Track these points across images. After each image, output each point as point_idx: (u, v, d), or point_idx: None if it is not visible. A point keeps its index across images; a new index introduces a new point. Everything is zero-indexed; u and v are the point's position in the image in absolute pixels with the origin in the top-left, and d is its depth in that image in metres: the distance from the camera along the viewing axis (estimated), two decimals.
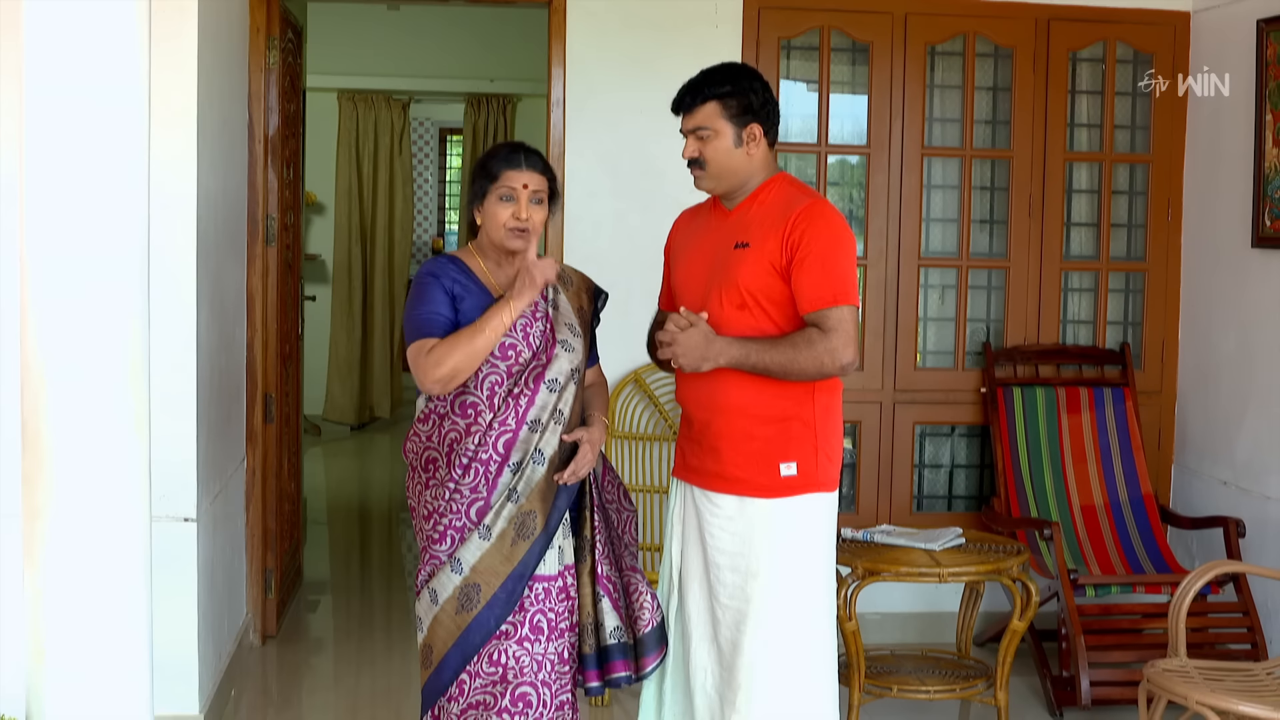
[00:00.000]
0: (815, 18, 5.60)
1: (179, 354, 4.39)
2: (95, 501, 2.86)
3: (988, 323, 5.84)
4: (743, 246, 3.48)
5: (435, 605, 3.42)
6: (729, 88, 3.51)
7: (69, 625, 2.85)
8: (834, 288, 3.41)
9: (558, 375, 3.46)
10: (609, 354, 5.24)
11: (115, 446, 2.87)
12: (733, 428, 3.50)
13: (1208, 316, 5.66)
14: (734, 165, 3.53)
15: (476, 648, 3.39)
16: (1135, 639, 5.16)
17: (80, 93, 2.81)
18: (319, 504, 8.28)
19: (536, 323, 3.48)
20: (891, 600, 5.56)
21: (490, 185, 3.46)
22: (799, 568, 3.50)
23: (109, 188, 2.84)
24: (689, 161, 3.55)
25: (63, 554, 2.84)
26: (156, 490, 4.13)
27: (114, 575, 2.89)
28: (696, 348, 3.42)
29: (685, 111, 3.55)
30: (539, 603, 3.44)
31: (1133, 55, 5.79)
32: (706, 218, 3.67)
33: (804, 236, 3.41)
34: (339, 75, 10.10)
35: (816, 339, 3.39)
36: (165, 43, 4.14)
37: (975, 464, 5.90)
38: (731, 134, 3.51)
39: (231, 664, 5.02)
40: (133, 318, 2.90)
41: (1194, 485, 5.71)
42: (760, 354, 3.40)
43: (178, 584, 4.38)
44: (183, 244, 4.39)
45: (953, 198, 5.80)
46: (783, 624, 3.48)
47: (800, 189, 3.57)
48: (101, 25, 2.84)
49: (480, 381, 3.41)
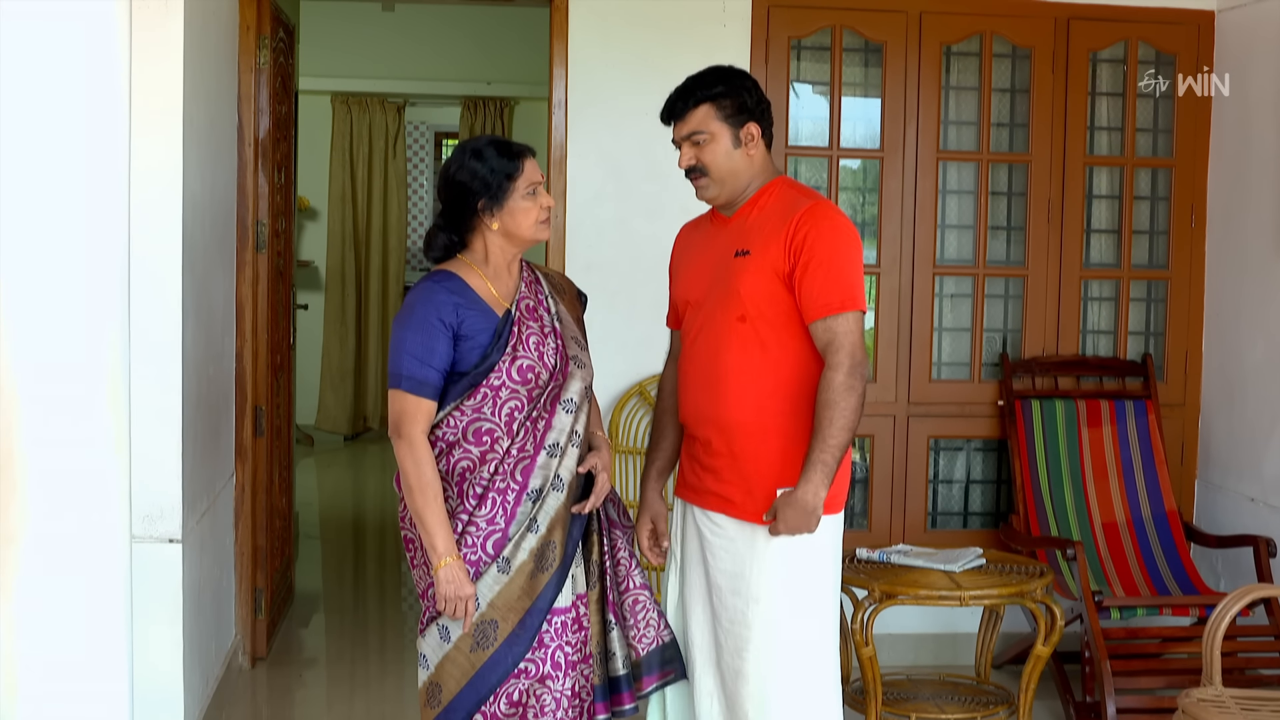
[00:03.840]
0: (827, 16, 5.47)
1: (163, 367, 4.25)
2: (72, 526, 2.77)
3: (1005, 333, 5.71)
4: (743, 254, 3.35)
5: (447, 643, 3.26)
6: (721, 88, 3.36)
7: (43, 656, 2.77)
8: (841, 293, 3.27)
9: (573, 395, 3.30)
10: (612, 365, 5.18)
11: (93, 467, 2.79)
12: (734, 446, 3.37)
13: (1233, 326, 5.51)
14: (735, 168, 3.38)
15: (493, 687, 3.24)
16: (1163, 664, 5.00)
17: (53, 89, 2.70)
18: (311, 517, 8.15)
19: (548, 339, 3.30)
20: (905, 621, 5.38)
21: (510, 184, 3.26)
22: (803, 593, 3.37)
23: (85, 191, 2.75)
24: (687, 171, 3.40)
25: (37, 582, 2.75)
26: (139, 511, 4.15)
27: (91, 603, 2.81)
28: (798, 515, 3.25)
29: (677, 118, 3.40)
30: (558, 637, 3.29)
31: (1155, 56, 5.66)
32: (706, 228, 3.54)
33: (807, 240, 3.27)
34: (332, 77, 10.04)
35: (835, 380, 3.25)
36: (147, 33, 4.01)
37: (992, 479, 5.76)
38: (729, 136, 3.36)
39: (219, 689, 4.88)
40: (111, 330, 2.80)
41: (1219, 502, 5.55)
42: (826, 448, 3.25)
43: (162, 608, 4.26)
44: (167, 251, 4.25)
45: (969, 203, 5.66)
46: (787, 652, 3.35)
47: (802, 191, 3.43)
48: (77, 15, 2.71)
49: (499, 408, 3.24)
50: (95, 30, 2.73)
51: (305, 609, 6.29)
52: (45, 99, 2.69)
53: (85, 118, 2.73)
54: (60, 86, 2.69)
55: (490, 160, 3.27)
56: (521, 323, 3.27)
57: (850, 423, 3.25)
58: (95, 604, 2.80)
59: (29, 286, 2.71)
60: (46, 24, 2.68)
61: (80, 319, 2.74)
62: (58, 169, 2.71)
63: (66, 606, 2.77)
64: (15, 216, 2.68)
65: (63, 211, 2.72)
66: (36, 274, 2.71)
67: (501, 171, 3.26)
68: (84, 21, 2.72)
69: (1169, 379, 5.68)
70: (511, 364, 3.23)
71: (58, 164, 2.71)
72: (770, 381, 3.33)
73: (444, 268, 3.31)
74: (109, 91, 2.75)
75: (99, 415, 2.77)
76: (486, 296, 3.27)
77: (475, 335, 3.22)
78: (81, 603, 2.78)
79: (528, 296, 3.34)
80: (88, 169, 2.74)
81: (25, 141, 2.69)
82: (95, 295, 2.75)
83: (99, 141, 2.75)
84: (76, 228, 2.73)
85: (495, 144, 3.31)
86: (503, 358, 3.22)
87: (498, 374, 3.22)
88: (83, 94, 2.72)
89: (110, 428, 2.79)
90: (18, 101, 2.67)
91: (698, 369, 3.42)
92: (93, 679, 2.81)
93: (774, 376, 3.33)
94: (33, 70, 2.68)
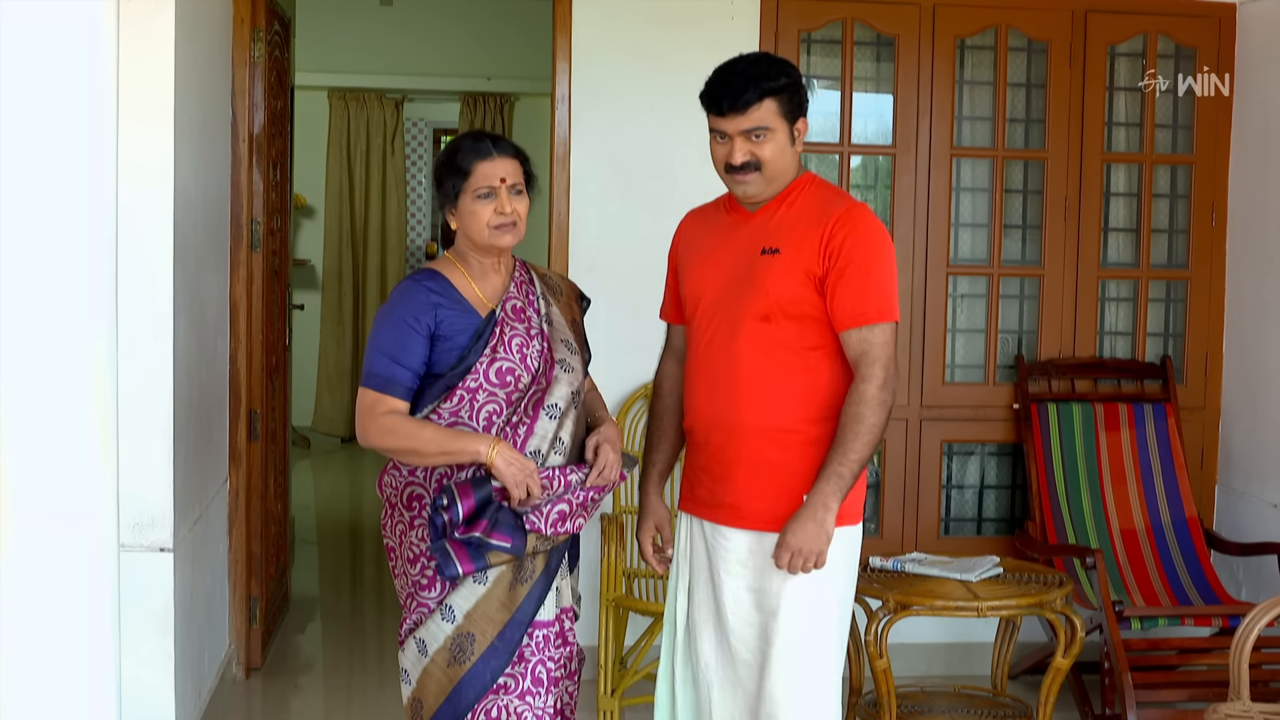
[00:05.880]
0: (837, 9, 5.37)
1: (153, 371, 4.15)
2: (57, 536, 2.73)
3: (1020, 334, 5.61)
4: (772, 252, 3.19)
5: (425, 657, 3.15)
6: (784, 80, 3.18)
7: (27, 672, 2.73)
8: (877, 303, 3.14)
9: (557, 400, 3.17)
10: (618, 369, 5.07)
11: (79, 476, 2.74)
12: (752, 453, 3.21)
13: (1255, 327, 5.40)
14: (787, 166, 3.22)
15: (470, 704, 3.13)
16: (1185, 676, 4.90)
17: (36, 79, 2.65)
18: (308, 521, 8.05)
19: (533, 342, 3.18)
20: (918, 630, 5.27)
21: (463, 183, 3.14)
22: (824, 609, 3.22)
23: (71, 187, 2.71)
24: (739, 166, 3.18)
25: (21, 593, 2.71)
26: (129, 520, 4.05)
27: (77, 616, 2.76)
28: (810, 535, 3.10)
29: (739, 110, 3.16)
30: (539, 651, 3.19)
31: (1174, 50, 5.57)
32: (721, 220, 3.35)
33: (844, 245, 3.13)
34: (329, 73, 9.96)
35: (867, 393, 3.12)
36: (137, 25, 3.89)
37: (1007, 485, 5.65)
38: (785, 132, 3.19)
39: (212, 701, 4.78)
40: (99, 333, 2.75)
41: (1240, 508, 5.44)
42: (846, 457, 3.11)
43: (152, 619, 4.17)
44: (158, 250, 4.15)
45: (983, 201, 5.56)
46: (806, 668, 3.21)
47: (834, 191, 3.29)
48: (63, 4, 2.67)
49: (476, 411, 3.12)
50: (81, 20, 2.67)
51: (301, 616, 6.18)
52: (27, 89, 2.63)
53: (70, 110, 2.67)
54: (44, 77, 2.63)
55: (454, 155, 3.17)
56: (505, 324, 3.16)
57: (874, 439, 3.12)
58: (81, 617, 2.74)
59: (11, 285, 2.64)
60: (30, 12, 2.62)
61: (65, 319, 2.68)
62: (41, 163, 2.64)
63: (51, 619, 2.72)
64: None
65: (46, 207, 2.66)
66: (19, 272, 2.66)
67: (456, 169, 3.15)
68: (70, 10, 2.66)
69: (1189, 382, 5.59)
70: (490, 366, 3.12)
71: (41, 158, 2.64)
72: (792, 387, 3.18)
73: (430, 266, 3.23)
74: (96, 83, 2.69)
75: (85, 420, 2.70)
76: (470, 296, 3.17)
77: (454, 336, 3.12)
78: (67, 615, 2.73)
79: (515, 297, 3.22)
80: (73, 163, 2.67)
81: (8, 135, 2.62)
82: (81, 294, 2.69)
83: (85, 135, 2.68)
84: (61, 224, 2.67)
85: (473, 137, 3.20)
86: (479, 359, 3.11)
87: (474, 376, 3.11)
88: (68, 85, 2.66)
89: (96, 433, 2.72)
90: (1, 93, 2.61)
91: (713, 371, 3.25)
92: (80, 695, 2.75)
93: (796, 382, 3.18)
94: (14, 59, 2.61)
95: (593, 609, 4.89)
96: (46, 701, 2.72)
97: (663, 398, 3.46)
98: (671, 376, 3.45)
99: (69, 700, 2.75)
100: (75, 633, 2.75)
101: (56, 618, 2.73)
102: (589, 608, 4.86)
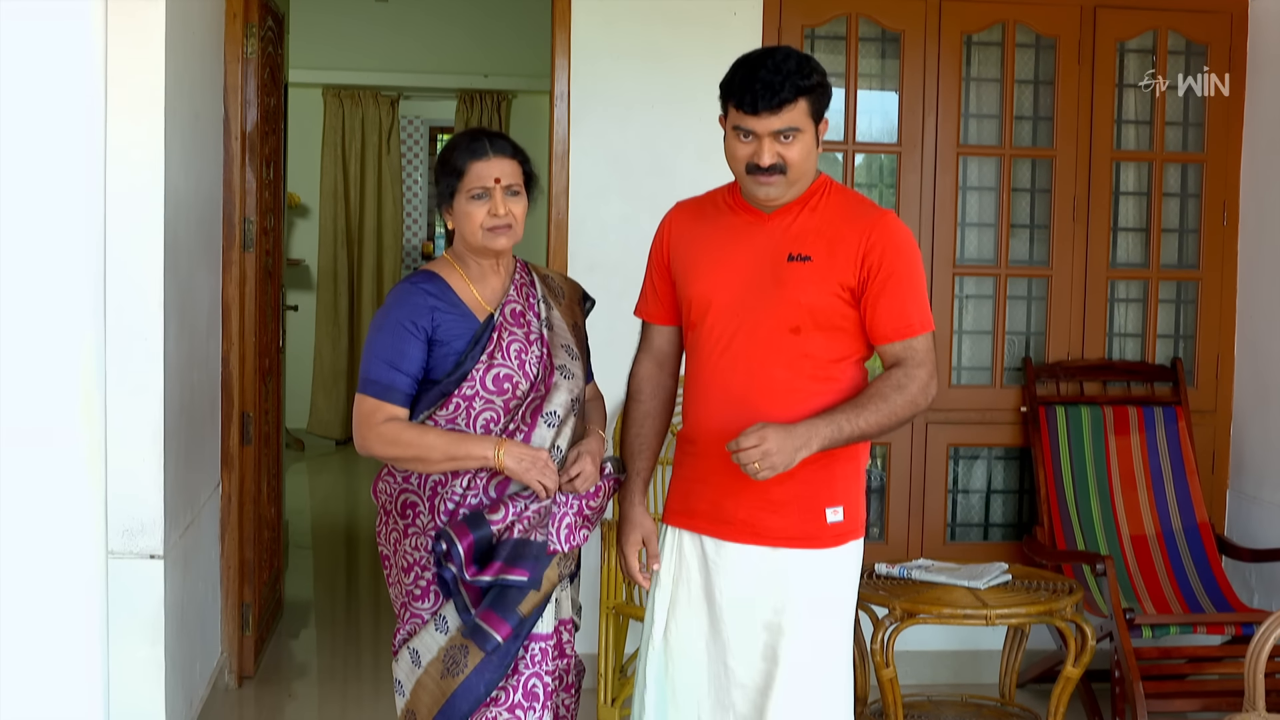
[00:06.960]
0: (841, 4, 5.32)
1: (143, 372, 4.10)
2: (43, 544, 2.69)
3: (1028, 336, 5.56)
4: (801, 260, 3.04)
5: (418, 668, 3.10)
6: (816, 78, 3.03)
7: (14, 681, 2.69)
8: (920, 314, 3.07)
9: (556, 408, 3.09)
10: (615, 371, 4.92)
11: (65, 482, 2.70)
12: None
13: (1267, 329, 5.34)
14: (810, 168, 3.09)
15: (464, 716, 3.07)
16: (1198, 685, 4.82)
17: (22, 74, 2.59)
18: (302, 525, 7.97)
19: (532, 347, 3.09)
20: (924, 637, 5.17)
21: (457, 183, 3.07)
22: (833, 623, 3.13)
23: (57, 185, 2.64)
24: (764, 168, 3.02)
25: (6, 602, 2.66)
26: (118, 526, 4.00)
27: (65, 624, 2.72)
28: (783, 447, 2.90)
29: (773, 109, 2.99)
30: (534, 665, 3.11)
31: (1185, 46, 5.51)
32: (727, 218, 3.16)
33: (884, 257, 3.02)
34: (324, 70, 9.92)
35: (905, 381, 3.02)
36: (126, 18, 3.85)
37: (1014, 489, 5.59)
38: (813, 133, 3.05)
39: (204, 711, 4.74)
40: (86, 336, 2.72)
41: (1252, 513, 5.37)
42: (854, 419, 2.98)
43: (142, 628, 4.13)
44: (148, 250, 4.11)
45: (990, 200, 5.51)
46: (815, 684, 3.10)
47: (856, 196, 3.20)
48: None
49: (473, 419, 3.04)
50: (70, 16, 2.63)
51: (295, 621, 6.11)
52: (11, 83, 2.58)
53: (57, 106, 2.62)
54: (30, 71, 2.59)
55: (450, 153, 3.11)
56: (503, 329, 3.08)
57: (887, 426, 3.02)
58: (69, 626, 2.71)
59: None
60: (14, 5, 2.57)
61: (52, 320, 2.65)
62: (27, 160, 2.61)
63: (38, 629, 2.68)
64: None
65: (32, 204, 2.62)
66: (3, 272, 2.59)
67: (450, 169, 3.09)
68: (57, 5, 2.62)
69: (1200, 384, 5.54)
70: (487, 372, 3.04)
71: (27, 154, 2.61)
72: (816, 399, 3.04)
73: (427, 267, 3.16)
74: (84, 78, 2.65)
75: (72, 424, 2.67)
76: (468, 299, 3.10)
77: (451, 340, 3.04)
78: (54, 625, 2.70)
79: (515, 301, 3.14)
80: (60, 160, 2.64)
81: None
82: (69, 294, 2.65)
83: (73, 131, 2.64)
84: (47, 222, 2.63)
85: (471, 136, 3.13)
86: (476, 365, 3.04)
87: (470, 383, 3.03)
88: (55, 80, 2.61)
89: (84, 438, 2.68)
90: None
91: (727, 380, 3.08)
92: (68, 706, 2.71)
93: (821, 393, 3.05)
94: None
95: (592, 616, 4.81)
96: (34, 713, 2.68)
97: (643, 402, 3.29)
98: (652, 380, 3.29)
99: (57, 712, 2.70)
100: (62, 643, 2.71)
101: (43, 627, 2.69)
102: (589, 615, 4.78)
